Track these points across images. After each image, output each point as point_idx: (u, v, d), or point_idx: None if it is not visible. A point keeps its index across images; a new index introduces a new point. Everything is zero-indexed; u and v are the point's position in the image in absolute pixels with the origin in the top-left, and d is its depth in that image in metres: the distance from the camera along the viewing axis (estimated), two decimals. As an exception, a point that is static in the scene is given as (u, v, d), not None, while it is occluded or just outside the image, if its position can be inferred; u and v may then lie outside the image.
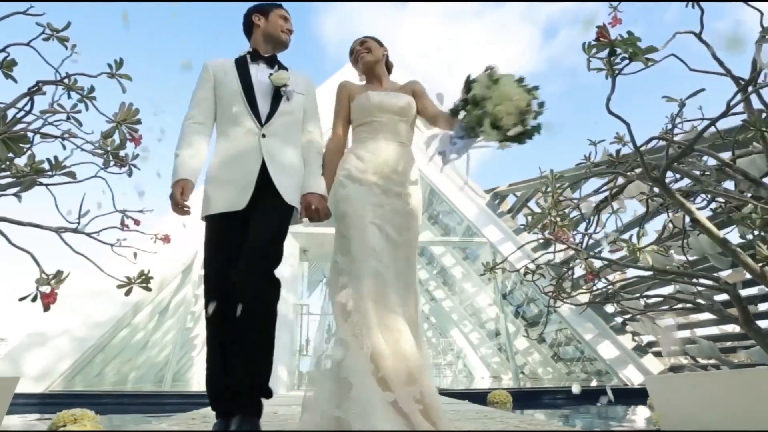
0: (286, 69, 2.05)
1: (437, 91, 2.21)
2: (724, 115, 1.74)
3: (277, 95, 1.96)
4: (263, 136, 1.89)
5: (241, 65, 1.99)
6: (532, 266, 2.68)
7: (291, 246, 8.46)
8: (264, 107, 1.94)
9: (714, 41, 2.21)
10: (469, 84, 1.85)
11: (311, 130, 2.07)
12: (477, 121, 1.79)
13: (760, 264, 1.91)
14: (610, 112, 1.81)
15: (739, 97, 1.77)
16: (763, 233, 2.01)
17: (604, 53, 1.98)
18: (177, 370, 8.33)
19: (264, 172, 1.86)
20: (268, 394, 1.80)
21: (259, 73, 1.99)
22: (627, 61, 1.67)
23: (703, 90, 1.73)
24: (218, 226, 1.86)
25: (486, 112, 1.75)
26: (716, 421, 1.79)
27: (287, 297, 7.95)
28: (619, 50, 1.67)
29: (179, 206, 1.78)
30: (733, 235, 3.51)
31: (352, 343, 1.63)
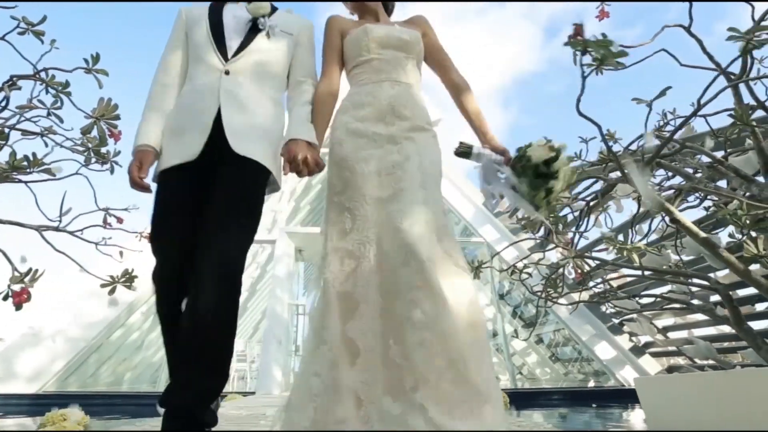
0: (276, 8, 1.73)
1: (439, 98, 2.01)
2: (707, 103, 1.70)
3: (255, 30, 1.62)
4: (226, 73, 1.55)
5: (216, 4, 1.70)
6: (520, 265, 2.64)
7: (286, 246, 8.42)
8: (234, 42, 1.60)
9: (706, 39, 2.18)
10: (550, 166, 1.55)
11: (302, 80, 1.69)
12: (537, 203, 1.59)
13: (746, 263, 1.86)
14: (580, 114, 1.77)
15: (725, 83, 1.74)
16: (753, 232, 1.97)
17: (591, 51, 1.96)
18: (172, 371, 8.28)
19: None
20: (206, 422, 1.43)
21: (237, 8, 1.67)
22: (596, 64, 1.63)
23: (669, 88, 1.70)
24: (170, 187, 1.50)
25: (552, 204, 1.61)
26: (704, 421, 1.75)
27: (282, 297, 7.91)
28: (592, 51, 1.62)
29: (136, 183, 1.48)
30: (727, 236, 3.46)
31: (360, 346, 1.33)
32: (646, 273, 2.62)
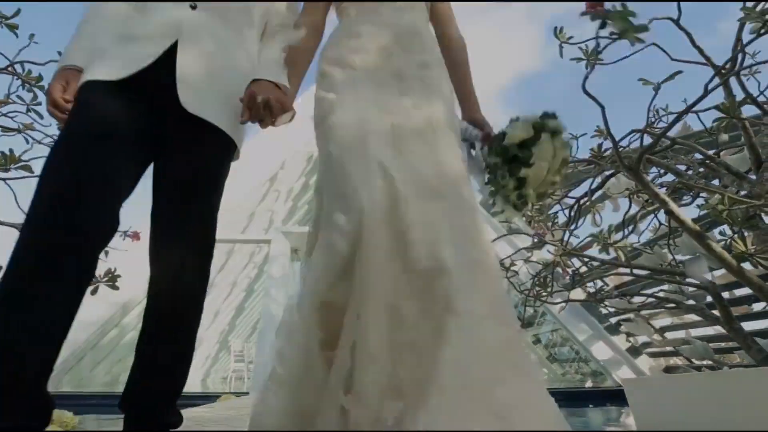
0: None
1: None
2: (700, 99, 1.66)
3: None
4: (193, 7, 1.25)
5: None
6: (507, 262, 2.60)
7: (282, 246, 8.38)
8: None
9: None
10: (526, 149, 1.22)
11: (279, 29, 1.42)
12: (508, 195, 1.26)
13: (737, 261, 1.82)
14: (586, 92, 1.72)
15: (717, 81, 1.69)
16: (744, 229, 1.93)
17: (584, 40, 1.92)
18: (168, 371, 8.25)
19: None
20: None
21: None
22: (613, 38, 1.51)
23: (680, 72, 1.63)
24: (85, 111, 1.13)
25: (526, 201, 1.27)
26: (694, 422, 1.72)
27: (278, 297, 7.88)
28: (610, 24, 1.49)
29: (55, 105, 1.17)
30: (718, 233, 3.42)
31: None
32: (638, 272, 2.58)
